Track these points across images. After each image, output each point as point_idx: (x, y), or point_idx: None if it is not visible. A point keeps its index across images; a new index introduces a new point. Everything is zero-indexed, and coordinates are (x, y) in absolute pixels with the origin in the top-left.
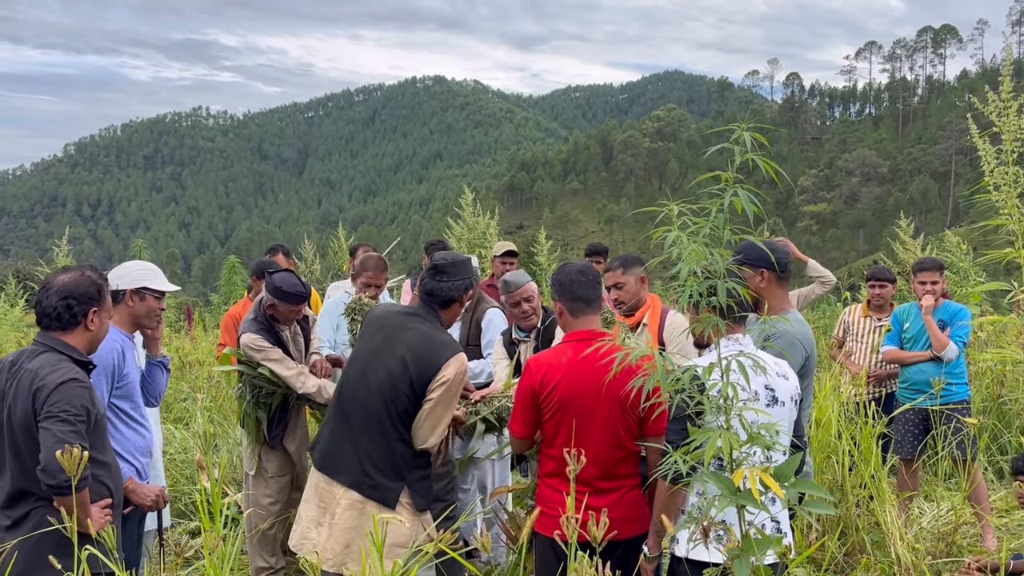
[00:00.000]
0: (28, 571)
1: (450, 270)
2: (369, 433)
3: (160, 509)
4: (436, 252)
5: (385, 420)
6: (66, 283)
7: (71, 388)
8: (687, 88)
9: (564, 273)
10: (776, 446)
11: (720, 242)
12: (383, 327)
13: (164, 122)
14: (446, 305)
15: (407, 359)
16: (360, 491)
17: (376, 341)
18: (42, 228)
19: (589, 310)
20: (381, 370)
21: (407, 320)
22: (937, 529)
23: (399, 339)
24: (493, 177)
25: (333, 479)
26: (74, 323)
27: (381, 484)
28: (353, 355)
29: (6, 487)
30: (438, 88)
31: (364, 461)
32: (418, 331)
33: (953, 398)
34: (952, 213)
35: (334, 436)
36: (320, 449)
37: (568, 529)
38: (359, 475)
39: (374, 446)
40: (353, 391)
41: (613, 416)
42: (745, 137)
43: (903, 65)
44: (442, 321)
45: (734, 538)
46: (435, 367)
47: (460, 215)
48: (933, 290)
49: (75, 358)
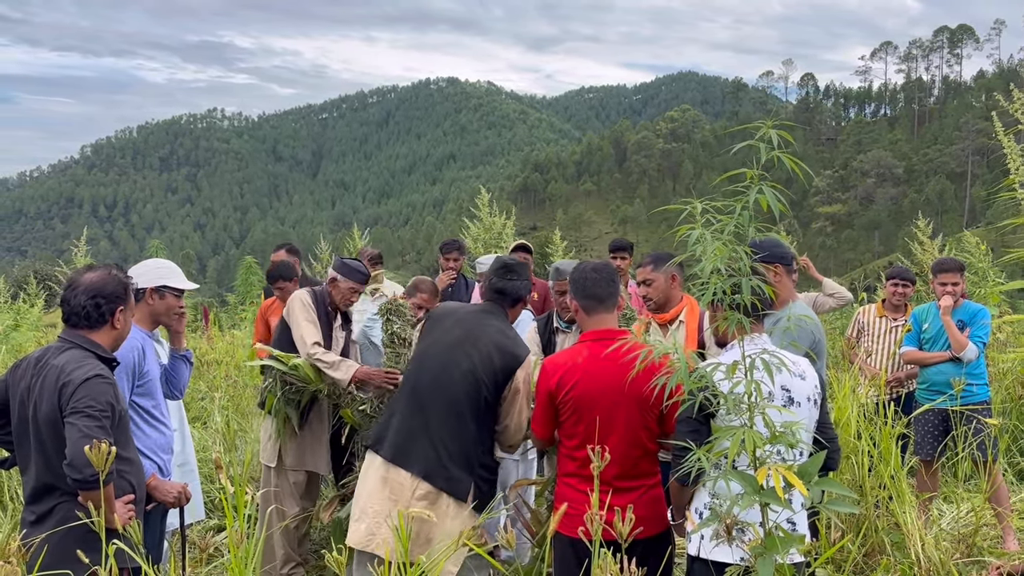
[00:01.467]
0: (54, 565)
1: (519, 270)
2: (448, 424)
3: (182, 505)
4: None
5: (465, 412)
6: (94, 282)
7: (96, 384)
8: (701, 89)
9: (579, 271)
10: (798, 445)
11: (745, 239)
12: (461, 321)
13: (179, 124)
14: (515, 303)
15: (491, 353)
16: (433, 482)
17: (456, 334)
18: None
19: (603, 308)
20: (464, 362)
21: (484, 317)
22: (957, 531)
23: (481, 333)
24: (506, 178)
25: (405, 470)
26: (101, 322)
27: (455, 476)
28: (427, 348)
29: (31, 482)
30: (451, 89)
31: (441, 452)
32: (497, 327)
33: (973, 399)
34: (969, 214)
35: (407, 427)
36: (391, 441)
37: (592, 526)
38: (435, 465)
39: (451, 437)
40: (432, 383)
41: (632, 415)
42: (771, 134)
43: (919, 65)
44: (508, 320)
45: (756, 536)
46: (518, 362)
47: (476, 215)
48: (953, 291)
49: (100, 355)
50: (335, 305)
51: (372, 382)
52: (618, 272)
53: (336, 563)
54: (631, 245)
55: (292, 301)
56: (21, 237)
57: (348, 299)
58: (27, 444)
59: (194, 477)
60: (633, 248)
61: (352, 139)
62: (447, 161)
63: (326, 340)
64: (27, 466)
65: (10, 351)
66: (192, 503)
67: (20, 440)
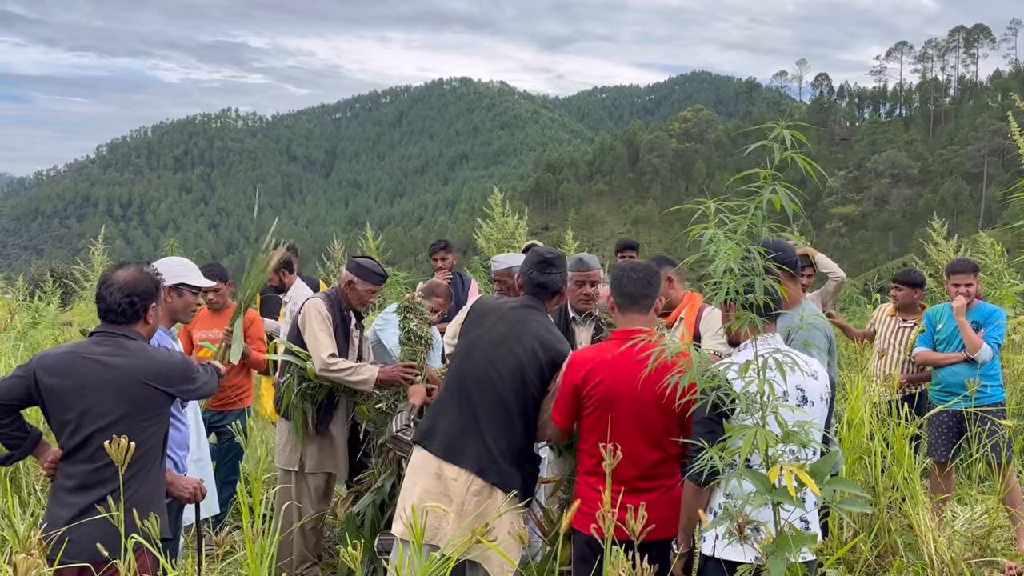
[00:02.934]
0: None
1: (558, 263)
2: (497, 421)
3: (198, 501)
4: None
5: (513, 407)
6: (127, 280)
7: (181, 358)
8: (714, 89)
9: (620, 269)
10: (811, 444)
11: (758, 239)
12: (503, 317)
13: (194, 123)
14: (554, 296)
15: (537, 348)
16: (485, 477)
17: (500, 329)
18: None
19: (635, 308)
20: (510, 357)
21: (526, 312)
22: (971, 532)
23: (525, 329)
24: (519, 178)
25: (458, 466)
26: (136, 318)
27: (506, 471)
28: (471, 344)
29: (85, 471)
30: (464, 89)
31: (492, 448)
32: (540, 323)
33: (987, 400)
34: (984, 215)
35: (457, 424)
36: (442, 438)
37: (604, 524)
38: (487, 461)
39: (501, 432)
40: (479, 379)
41: (652, 417)
42: (784, 135)
43: (934, 65)
44: (547, 313)
45: (768, 535)
46: (562, 357)
47: (489, 215)
48: (967, 292)
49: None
50: (351, 307)
51: (393, 381)
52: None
53: (352, 559)
54: (637, 244)
55: (308, 310)
56: (38, 236)
57: (365, 301)
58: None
59: (208, 473)
60: (639, 247)
61: (365, 139)
62: (460, 161)
63: (343, 345)
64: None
65: (28, 348)
66: (207, 499)
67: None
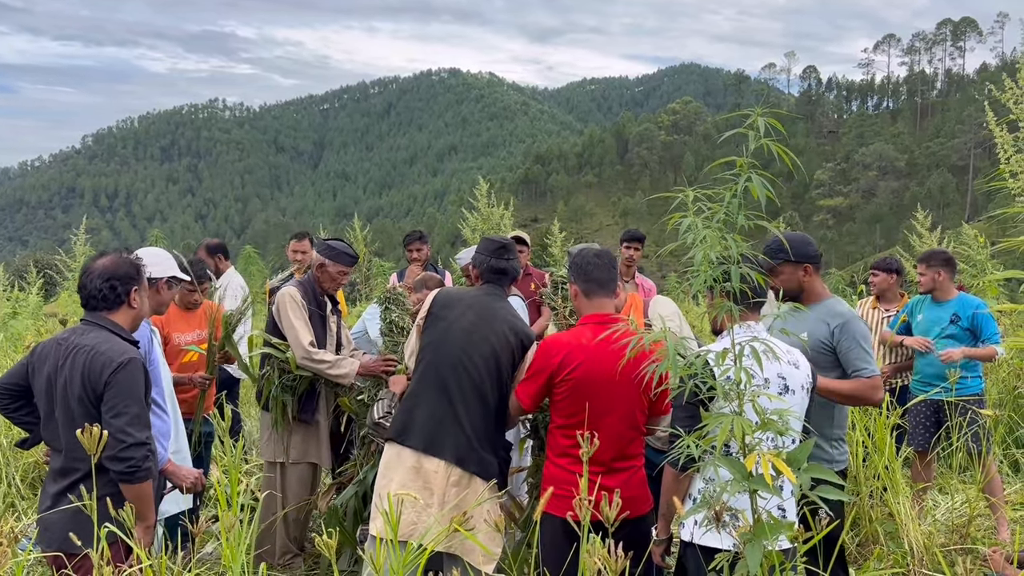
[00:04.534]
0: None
1: (513, 248)
2: (475, 409)
3: (198, 491)
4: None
5: (489, 394)
6: (107, 266)
7: (132, 371)
8: (703, 81)
9: (581, 256)
10: (788, 432)
11: (735, 228)
12: (471, 306)
13: (181, 114)
14: (513, 282)
15: (508, 333)
16: (466, 467)
17: (470, 318)
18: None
19: (603, 292)
20: (484, 345)
21: (491, 299)
22: (951, 521)
23: (495, 315)
24: (508, 170)
25: (438, 458)
26: (118, 303)
27: (485, 459)
28: (442, 334)
29: (60, 460)
30: (453, 81)
31: (472, 436)
32: (506, 309)
33: (966, 391)
34: (970, 208)
35: (435, 416)
36: (420, 431)
37: (581, 511)
38: (466, 450)
39: (480, 420)
40: (455, 369)
41: (631, 398)
42: (759, 122)
43: (922, 58)
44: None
45: (746, 523)
46: (531, 341)
47: (475, 206)
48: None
49: (122, 336)
50: (325, 291)
51: (374, 374)
52: (632, 262)
53: (326, 547)
54: (644, 236)
55: (281, 299)
56: (22, 227)
57: (338, 282)
58: (53, 424)
59: (187, 463)
60: (645, 239)
61: (354, 130)
62: (449, 152)
63: (320, 332)
64: (57, 445)
65: (9, 339)
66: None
67: (46, 422)
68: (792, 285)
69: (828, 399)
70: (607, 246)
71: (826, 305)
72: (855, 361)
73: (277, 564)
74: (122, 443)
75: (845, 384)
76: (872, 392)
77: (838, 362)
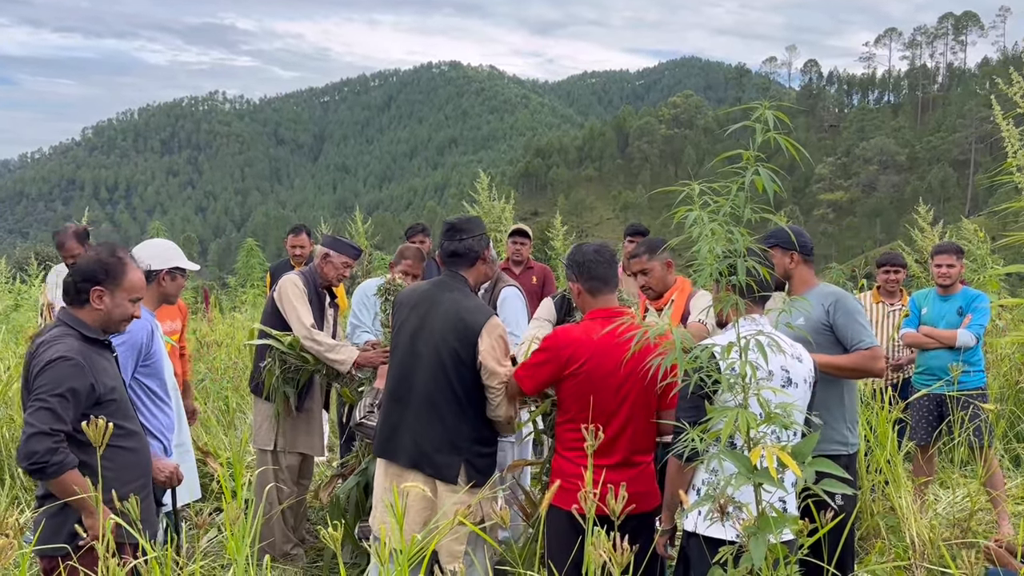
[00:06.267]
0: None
1: (466, 227)
2: (422, 416)
3: (174, 486)
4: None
5: (438, 401)
6: (81, 263)
7: (58, 368)
8: (704, 75)
9: (581, 254)
10: (792, 426)
11: (740, 221)
12: (416, 306)
13: (181, 106)
14: (473, 263)
15: (446, 334)
16: (422, 470)
17: (413, 322)
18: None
19: (607, 289)
20: (424, 349)
21: (437, 293)
22: (952, 515)
23: (435, 314)
24: (508, 163)
25: (394, 462)
26: (80, 301)
27: (441, 462)
28: (395, 340)
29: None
30: (454, 73)
31: (420, 440)
32: (450, 302)
33: (969, 385)
34: (971, 202)
35: (389, 420)
36: (378, 436)
37: (586, 504)
38: (417, 455)
39: (427, 424)
40: (402, 374)
41: (640, 393)
42: (768, 115)
43: (923, 52)
44: (470, 285)
45: (750, 516)
46: (474, 334)
47: (476, 199)
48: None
49: (83, 333)
50: (327, 283)
51: (372, 365)
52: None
53: (332, 539)
54: (647, 230)
55: (284, 284)
56: (23, 219)
57: (342, 273)
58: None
59: (190, 457)
60: (649, 233)
61: (354, 123)
62: (449, 146)
63: (318, 322)
64: None
65: (11, 331)
66: (189, 483)
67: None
68: (779, 272)
69: (831, 376)
70: (607, 240)
71: (817, 289)
72: (853, 335)
73: (279, 556)
74: (24, 435)
75: (844, 358)
76: (872, 363)
77: (837, 340)
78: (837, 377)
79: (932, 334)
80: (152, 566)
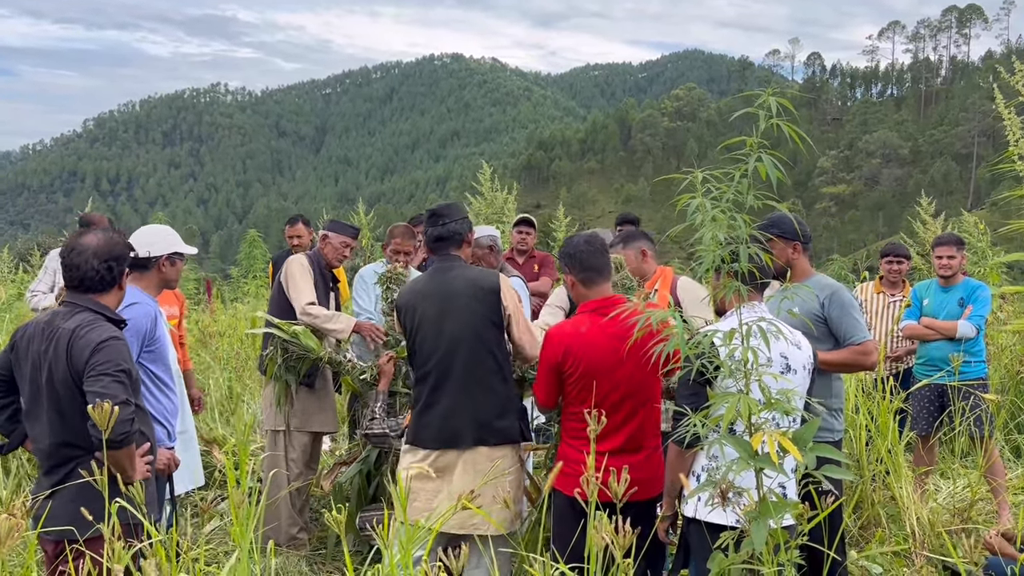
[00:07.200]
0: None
1: (448, 212)
2: (472, 388)
3: (171, 472)
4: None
5: (481, 369)
6: (101, 245)
7: (114, 346)
8: (707, 67)
9: (571, 245)
10: (793, 412)
11: (743, 208)
12: (427, 297)
13: (182, 98)
14: (459, 245)
15: (470, 302)
16: (487, 444)
17: (431, 311)
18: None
19: (601, 278)
20: (455, 327)
21: (441, 275)
22: (953, 505)
23: (451, 291)
24: (510, 156)
25: (456, 449)
26: (112, 284)
27: (500, 427)
28: (417, 336)
29: (45, 441)
30: (456, 66)
31: (478, 415)
32: (459, 276)
33: (970, 375)
34: (973, 196)
35: (446, 411)
36: (436, 432)
37: (589, 488)
38: (478, 430)
39: (480, 397)
40: (445, 362)
41: (642, 380)
42: (771, 102)
43: (927, 45)
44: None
45: (751, 501)
46: (495, 292)
47: (479, 190)
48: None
49: (108, 316)
50: (329, 264)
51: (364, 333)
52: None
53: (336, 523)
54: (638, 219)
55: (290, 263)
56: (24, 210)
57: (341, 253)
58: (39, 409)
59: (194, 444)
60: (639, 223)
61: (356, 115)
62: (451, 138)
63: (323, 302)
64: (39, 431)
65: (14, 320)
66: (193, 469)
67: (31, 406)
68: (780, 260)
69: (824, 370)
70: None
71: (813, 280)
72: (847, 329)
73: (285, 540)
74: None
75: (837, 354)
76: (864, 358)
77: (830, 332)
78: (828, 372)
79: (932, 325)
80: (156, 549)
